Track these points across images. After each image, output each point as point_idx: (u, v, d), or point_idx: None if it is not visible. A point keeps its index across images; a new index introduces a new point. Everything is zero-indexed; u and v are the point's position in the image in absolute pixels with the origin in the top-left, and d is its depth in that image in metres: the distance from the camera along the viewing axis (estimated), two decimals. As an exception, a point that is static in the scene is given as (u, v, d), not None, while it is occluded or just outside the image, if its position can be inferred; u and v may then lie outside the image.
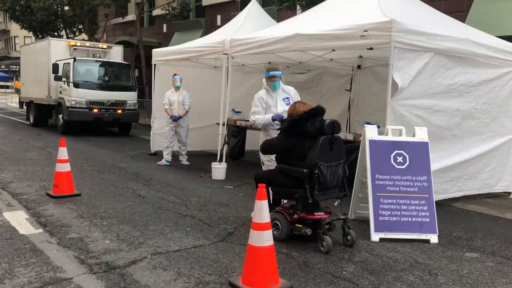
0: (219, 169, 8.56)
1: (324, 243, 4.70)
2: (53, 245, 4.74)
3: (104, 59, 16.13)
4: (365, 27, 6.29)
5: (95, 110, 14.89)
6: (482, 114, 7.39)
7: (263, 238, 3.76)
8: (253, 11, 10.30)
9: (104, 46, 16.86)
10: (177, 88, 9.99)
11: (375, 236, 5.17)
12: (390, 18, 6.12)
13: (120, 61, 16.65)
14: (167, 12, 20.71)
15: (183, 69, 11.03)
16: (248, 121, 10.90)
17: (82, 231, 5.21)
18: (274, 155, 5.51)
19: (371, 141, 5.45)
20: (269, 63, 12.25)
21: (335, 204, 5.15)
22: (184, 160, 10.15)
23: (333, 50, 8.00)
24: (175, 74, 10.09)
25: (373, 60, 9.95)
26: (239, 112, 10.99)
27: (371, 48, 7.09)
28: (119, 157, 10.96)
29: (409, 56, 6.26)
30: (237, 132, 10.38)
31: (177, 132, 10.07)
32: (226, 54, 8.63)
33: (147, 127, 18.71)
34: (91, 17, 24.97)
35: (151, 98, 22.48)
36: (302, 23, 7.85)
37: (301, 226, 4.89)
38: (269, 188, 5.20)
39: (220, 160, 8.71)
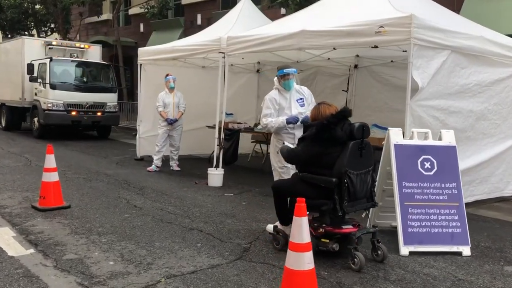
0: (216, 176, 8.02)
1: (356, 260, 4.25)
2: (50, 269, 4.15)
3: (82, 59, 15.35)
4: (380, 22, 5.89)
5: (73, 113, 14.14)
6: (494, 115, 7.11)
7: (304, 261, 3.29)
8: (246, 8, 9.78)
9: (82, 46, 16.07)
10: (171, 89, 9.38)
11: (404, 250, 4.75)
12: (409, 13, 5.72)
13: (99, 61, 15.90)
14: (146, 10, 19.97)
15: (171, 69, 10.45)
16: (241, 123, 10.51)
17: (80, 251, 4.62)
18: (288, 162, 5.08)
19: (396, 146, 5.03)
20: (259, 62, 11.84)
21: (363, 215, 4.72)
22: (175, 166, 9.57)
23: (334, 48, 7.63)
24: (167, 75, 9.47)
25: (371, 60, 9.61)
26: (231, 114, 10.48)
27: (376, 47, 6.69)
28: (104, 163, 10.30)
29: (428, 54, 5.90)
30: (229, 135, 9.88)
31: (170, 135, 9.47)
32: (222, 52, 8.09)
33: (126, 130, 18.04)
34: (64, 15, 23.94)
35: (129, 100, 21.95)
36: (305, 20, 7.38)
37: (328, 241, 4.42)
38: (287, 199, 4.74)
39: (217, 166, 8.16)
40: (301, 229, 3.29)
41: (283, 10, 17.09)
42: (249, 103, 11.90)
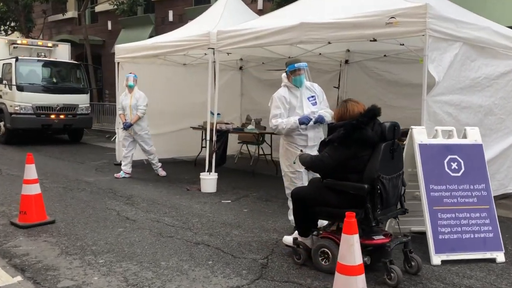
0: (209, 181, 7.47)
1: (392, 274, 3.82)
2: (45, 301, 3.56)
3: (50, 59, 14.46)
4: (392, 13, 5.48)
5: (43, 116, 13.29)
6: (500, 110, 6.84)
7: (357, 285, 2.84)
8: (231, 2, 9.26)
9: (50, 44, 15.16)
10: (130, 89, 8.62)
11: (436, 259, 4.36)
12: (423, 2, 5.34)
13: (69, 61, 15.05)
14: (116, 7, 19.11)
15: (150, 67, 9.91)
16: (228, 123, 9.99)
17: (76, 276, 4.03)
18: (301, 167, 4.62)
19: (421, 146, 4.63)
20: (241, 59, 11.34)
21: (392, 224, 4.30)
22: (159, 171, 8.95)
23: (329, 42, 7.19)
24: (130, 73, 8.79)
25: (362, 54, 9.26)
26: (218, 114, 9.94)
27: (374, 40, 6.30)
28: (82, 169, 9.58)
29: (441, 46, 5.54)
30: (218, 136, 9.33)
31: (136, 142, 8.80)
32: (212, 48, 7.56)
33: (98, 133, 17.21)
34: (26, 13, 22.74)
35: (99, 101, 21.03)
36: (302, 12, 6.94)
37: (358, 254, 3.97)
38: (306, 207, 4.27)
39: (209, 170, 7.62)
40: (352, 248, 2.85)
41: (260, 5, 16.63)
42: (232, 101, 11.40)
